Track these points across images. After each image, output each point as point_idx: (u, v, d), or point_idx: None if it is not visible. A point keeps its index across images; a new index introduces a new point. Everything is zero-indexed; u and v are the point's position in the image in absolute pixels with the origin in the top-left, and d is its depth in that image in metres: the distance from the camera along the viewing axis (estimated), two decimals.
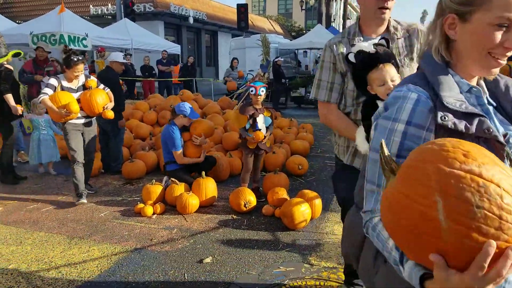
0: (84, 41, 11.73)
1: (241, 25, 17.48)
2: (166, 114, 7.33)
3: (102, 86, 4.72)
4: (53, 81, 4.38)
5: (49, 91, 4.29)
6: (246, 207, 4.25)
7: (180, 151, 4.82)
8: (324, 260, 3.33)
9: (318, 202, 4.16)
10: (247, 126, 4.51)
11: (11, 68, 5.38)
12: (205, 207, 4.49)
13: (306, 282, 3.01)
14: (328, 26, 26.44)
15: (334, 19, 42.49)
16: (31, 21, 12.48)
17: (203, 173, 4.62)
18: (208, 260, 3.31)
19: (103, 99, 4.53)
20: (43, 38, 10.70)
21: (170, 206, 4.50)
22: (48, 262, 3.29)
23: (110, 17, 21.71)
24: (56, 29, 11.07)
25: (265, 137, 4.50)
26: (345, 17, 45.61)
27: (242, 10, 17.78)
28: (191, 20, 23.06)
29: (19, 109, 5.40)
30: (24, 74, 7.53)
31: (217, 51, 28.64)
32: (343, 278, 2.83)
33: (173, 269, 3.18)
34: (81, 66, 4.38)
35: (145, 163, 5.69)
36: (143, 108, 7.63)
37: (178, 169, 4.86)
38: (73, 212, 4.41)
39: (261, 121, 4.50)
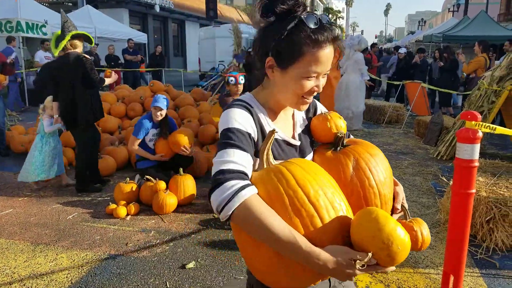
0: (43, 29, 11.05)
1: (210, 14, 17.00)
2: (135, 106, 6.91)
3: None
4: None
5: None
6: None
7: (138, 139, 4.39)
8: None
9: None
10: None
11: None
12: (183, 206, 4.20)
13: None
14: None
15: None
16: None
17: (181, 170, 4.32)
18: (191, 265, 3.05)
19: None
20: None
21: (146, 206, 4.17)
22: (10, 273, 2.93)
23: (70, 4, 20.69)
24: (13, 16, 10.35)
25: None
26: (312, 9, 46.23)
27: None
28: (157, 8, 22.33)
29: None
30: None
31: (185, 41, 27.97)
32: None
33: (153, 277, 2.90)
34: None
35: (115, 159, 5.31)
36: (110, 100, 7.10)
37: (151, 167, 4.51)
38: (36, 214, 4.01)
39: None
